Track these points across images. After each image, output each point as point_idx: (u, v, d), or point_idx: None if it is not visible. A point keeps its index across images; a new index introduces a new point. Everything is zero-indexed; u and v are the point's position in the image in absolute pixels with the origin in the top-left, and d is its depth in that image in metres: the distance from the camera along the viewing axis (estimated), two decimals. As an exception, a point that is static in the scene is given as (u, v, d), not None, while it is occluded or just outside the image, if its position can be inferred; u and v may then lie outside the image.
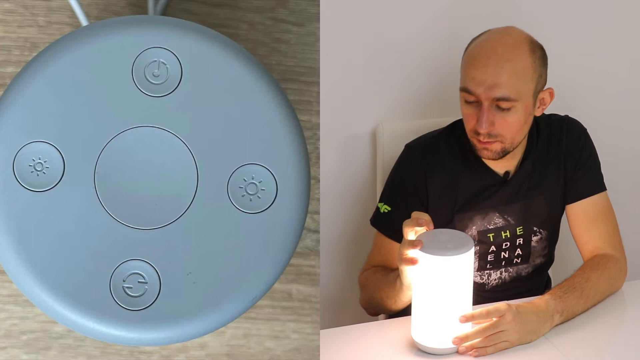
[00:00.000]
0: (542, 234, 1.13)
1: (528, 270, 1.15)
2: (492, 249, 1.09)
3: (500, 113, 1.01)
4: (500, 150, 1.03)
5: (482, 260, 1.09)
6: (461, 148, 1.10)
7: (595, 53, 1.52)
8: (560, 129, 1.13)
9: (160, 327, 0.56)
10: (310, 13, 0.79)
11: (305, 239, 0.79)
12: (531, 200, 1.11)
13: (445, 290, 0.92)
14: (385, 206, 1.10)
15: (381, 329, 1.09)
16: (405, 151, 1.13)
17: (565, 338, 0.99)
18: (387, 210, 1.10)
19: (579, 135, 1.14)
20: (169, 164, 0.57)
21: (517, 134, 1.03)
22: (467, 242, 0.92)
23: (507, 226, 1.10)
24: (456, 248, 0.91)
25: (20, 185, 0.56)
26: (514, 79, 1.01)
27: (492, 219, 1.09)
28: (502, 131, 1.02)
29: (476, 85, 1.01)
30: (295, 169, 0.58)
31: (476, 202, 1.09)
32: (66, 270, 0.56)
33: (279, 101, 0.59)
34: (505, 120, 1.01)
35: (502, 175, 1.09)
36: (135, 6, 0.76)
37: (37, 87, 0.57)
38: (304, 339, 0.78)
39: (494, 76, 1.00)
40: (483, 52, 1.02)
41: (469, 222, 1.10)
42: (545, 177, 1.12)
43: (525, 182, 1.10)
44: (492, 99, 1.00)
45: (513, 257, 1.12)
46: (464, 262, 0.91)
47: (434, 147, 1.12)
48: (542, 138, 1.11)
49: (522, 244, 1.12)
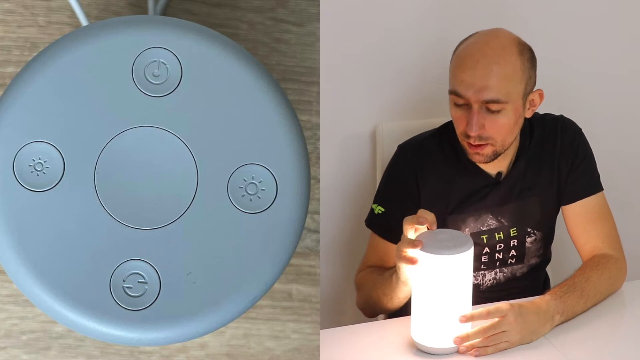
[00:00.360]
0: (537, 235, 1.13)
1: (523, 271, 1.15)
2: (486, 250, 1.09)
3: (490, 115, 1.01)
4: (492, 153, 1.03)
5: (476, 261, 1.10)
6: (453, 149, 1.10)
7: (589, 52, 1.52)
8: (555, 129, 1.13)
9: (160, 327, 0.56)
10: (310, 13, 0.79)
11: (305, 239, 0.79)
12: (525, 202, 1.11)
13: (445, 289, 0.92)
14: (379, 207, 1.10)
15: (381, 329, 1.09)
16: (397, 152, 1.13)
17: (565, 338, 0.99)
18: (381, 211, 1.10)
19: (573, 136, 1.13)
20: (169, 164, 0.57)
21: (508, 136, 1.03)
22: (467, 241, 0.92)
23: (501, 227, 1.10)
24: (456, 247, 0.91)
25: (20, 185, 0.56)
26: (503, 81, 1.01)
27: (486, 221, 1.09)
28: (492, 134, 1.01)
29: (465, 88, 1.01)
30: (295, 169, 0.58)
31: (469, 204, 1.09)
32: (66, 270, 0.56)
33: (279, 101, 0.59)
34: (495, 122, 1.01)
35: (495, 176, 1.09)
36: (135, 6, 0.76)
37: (37, 87, 0.57)
38: (304, 339, 0.78)
39: (483, 79, 1.00)
40: (471, 55, 1.02)
41: (462, 224, 1.10)
42: (539, 178, 1.12)
43: (519, 183, 1.10)
44: (481, 102, 1.00)
45: (507, 257, 1.12)
46: (464, 261, 0.91)
47: (426, 148, 1.12)
48: (535, 138, 1.11)
49: (517, 245, 1.12)
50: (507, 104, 1.01)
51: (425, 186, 1.09)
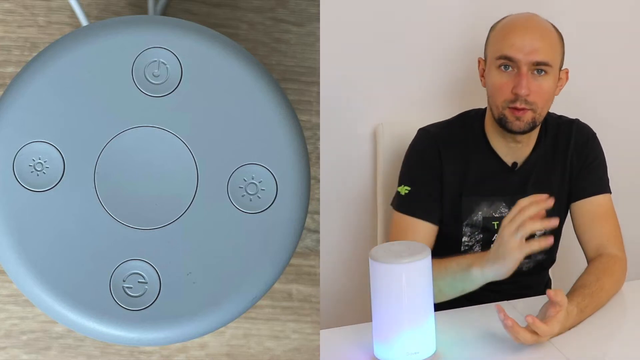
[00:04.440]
0: (546, 231, 1.13)
1: (529, 265, 1.15)
2: (496, 237, 1.09)
3: (536, 79, 1.04)
4: (531, 120, 1.05)
5: (485, 248, 1.10)
6: (472, 133, 1.11)
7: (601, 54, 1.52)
8: (569, 131, 1.14)
9: (160, 327, 0.56)
10: (310, 13, 0.79)
11: (305, 239, 0.79)
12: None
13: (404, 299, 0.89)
14: (405, 187, 1.11)
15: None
16: (418, 134, 1.15)
17: (566, 338, 0.99)
18: (407, 191, 1.10)
19: (587, 139, 1.15)
20: (169, 164, 0.57)
21: (546, 104, 1.07)
22: (423, 249, 0.90)
23: None
24: (411, 255, 0.89)
25: (20, 185, 0.56)
26: (549, 47, 1.05)
27: (499, 208, 1.10)
28: (536, 98, 1.04)
29: (516, 51, 1.04)
30: (295, 169, 0.58)
31: (484, 188, 1.09)
32: (66, 270, 0.56)
33: (279, 101, 0.59)
34: (540, 86, 1.04)
35: (510, 165, 1.10)
36: (135, 6, 0.76)
37: (37, 87, 0.57)
38: (304, 339, 0.78)
39: (534, 41, 1.05)
40: (519, 23, 1.07)
41: (476, 207, 1.10)
42: (552, 176, 1.12)
43: (533, 176, 1.11)
44: (531, 63, 1.03)
45: None
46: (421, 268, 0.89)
47: (447, 129, 1.13)
48: (549, 136, 1.12)
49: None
50: (552, 69, 1.05)
51: (447, 161, 1.10)
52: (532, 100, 1.04)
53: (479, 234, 1.08)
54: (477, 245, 1.08)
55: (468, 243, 1.07)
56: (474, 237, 1.07)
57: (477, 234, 1.06)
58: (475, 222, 1.06)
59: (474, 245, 1.07)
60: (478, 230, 1.06)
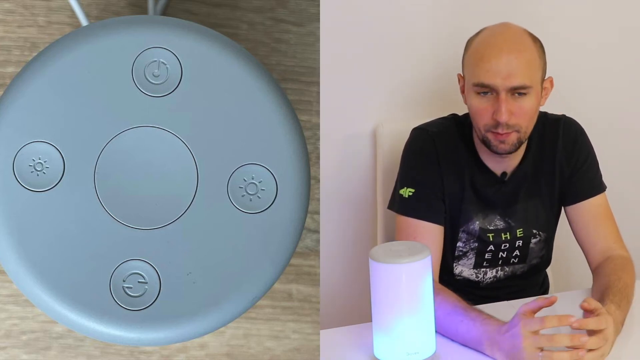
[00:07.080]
0: (541, 236, 1.13)
1: (524, 270, 1.15)
2: (490, 249, 1.09)
3: (516, 102, 1.02)
4: (517, 140, 1.04)
5: (479, 257, 1.09)
6: (464, 142, 1.10)
7: (592, 48, 1.52)
8: (557, 129, 1.13)
9: (160, 327, 0.56)
10: (310, 13, 0.79)
11: (305, 239, 0.79)
12: (531, 203, 1.11)
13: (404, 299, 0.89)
14: (409, 190, 1.09)
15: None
16: (415, 133, 1.13)
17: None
18: (411, 193, 1.08)
19: (575, 138, 1.13)
20: (169, 164, 0.57)
21: (531, 122, 1.04)
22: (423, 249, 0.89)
23: (508, 228, 1.10)
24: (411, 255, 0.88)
25: (20, 185, 0.56)
26: (526, 66, 1.02)
27: (493, 221, 1.09)
28: (519, 120, 1.02)
29: (492, 77, 1.01)
30: (295, 169, 0.58)
31: (478, 197, 1.09)
32: (66, 270, 0.56)
33: (279, 101, 0.59)
34: (521, 108, 1.02)
35: (500, 176, 1.09)
36: (135, 6, 0.76)
37: (37, 87, 0.57)
38: (304, 339, 0.78)
39: (508, 65, 1.01)
40: (492, 45, 1.03)
41: (473, 216, 1.10)
42: (542, 178, 1.11)
43: (524, 184, 1.10)
44: (509, 89, 1.01)
45: (510, 257, 1.12)
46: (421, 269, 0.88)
47: (443, 130, 1.12)
48: (535, 137, 1.11)
49: (521, 246, 1.12)
50: (531, 89, 1.03)
51: (445, 163, 1.09)
52: (514, 122, 1.02)
53: (474, 242, 1.08)
54: (472, 252, 1.08)
55: (462, 249, 1.07)
56: (469, 245, 1.07)
57: (473, 242, 1.06)
58: (472, 231, 1.06)
59: (468, 252, 1.07)
60: (474, 238, 1.06)
